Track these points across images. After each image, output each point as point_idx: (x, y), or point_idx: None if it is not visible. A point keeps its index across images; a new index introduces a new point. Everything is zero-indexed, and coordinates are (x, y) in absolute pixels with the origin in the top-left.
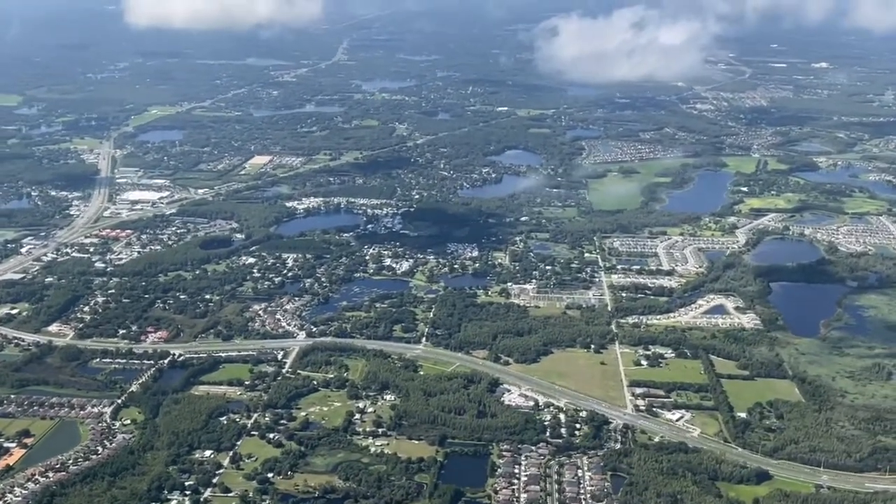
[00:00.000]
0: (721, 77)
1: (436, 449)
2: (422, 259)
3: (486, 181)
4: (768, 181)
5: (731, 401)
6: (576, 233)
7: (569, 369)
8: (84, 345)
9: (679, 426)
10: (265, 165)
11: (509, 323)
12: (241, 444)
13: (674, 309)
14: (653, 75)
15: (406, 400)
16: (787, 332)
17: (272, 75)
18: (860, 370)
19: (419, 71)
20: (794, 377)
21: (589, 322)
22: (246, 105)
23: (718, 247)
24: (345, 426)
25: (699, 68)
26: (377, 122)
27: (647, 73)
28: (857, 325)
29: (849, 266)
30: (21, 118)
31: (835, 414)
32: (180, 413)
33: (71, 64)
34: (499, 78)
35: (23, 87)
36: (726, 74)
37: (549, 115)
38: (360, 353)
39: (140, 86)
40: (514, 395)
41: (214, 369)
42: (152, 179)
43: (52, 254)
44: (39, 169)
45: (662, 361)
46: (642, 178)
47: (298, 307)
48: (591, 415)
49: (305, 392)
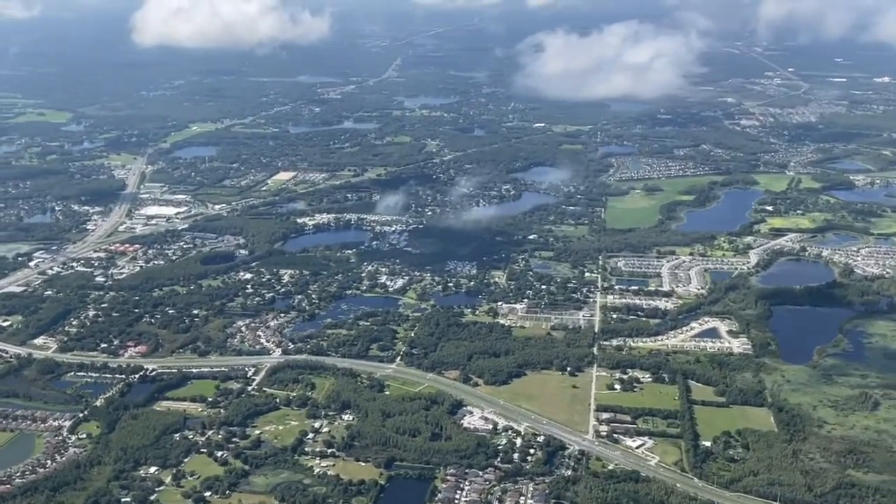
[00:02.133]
0: (775, 92)
1: (380, 472)
2: (417, 277)
3: (503, 198)
4: (797, 200)
5: (700, 428)
6: (581, 251)
7: (538, 392)
8: (62, 358)
9: (638, 454)
10: (287, 181)
11: (488, 343)
12: (188, 462)
13: (663, 331)
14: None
15: (363, 420)
16: (777, 357)
17: (318, 92)
18: (845, 399)
19: (465, 87)
20: (772, 405)
21: (570, 344)
22: (285, 122)
23: (727, 268)
24: (295, 446)
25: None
26: (409, 139)
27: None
28: (855, 353)
29: (860, 290)
30: (66, 135)
31: (806, 445)
32: (134, 429)
33: (127, 82)
34: (541, 93)
35: (76, 104)
36: (780, 89)
37: (585, 132)
38: (330, 372)
39: (188, 103)
40: (474, 417)
41: (182, 385)
42: (174, 195)
43: (58, 268)
44: (69, 184)
45: (637, 386)
46: (665, 195)
47: (282, 324)
48: (549, 440)
49: (265, 410)
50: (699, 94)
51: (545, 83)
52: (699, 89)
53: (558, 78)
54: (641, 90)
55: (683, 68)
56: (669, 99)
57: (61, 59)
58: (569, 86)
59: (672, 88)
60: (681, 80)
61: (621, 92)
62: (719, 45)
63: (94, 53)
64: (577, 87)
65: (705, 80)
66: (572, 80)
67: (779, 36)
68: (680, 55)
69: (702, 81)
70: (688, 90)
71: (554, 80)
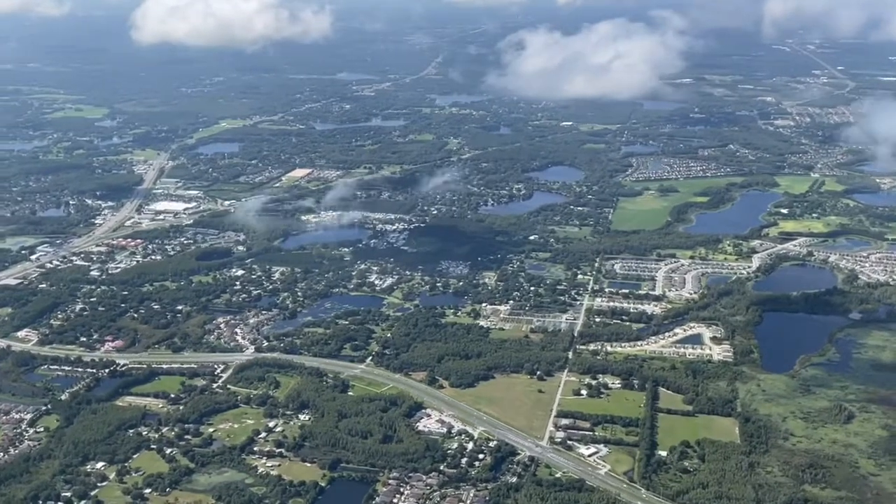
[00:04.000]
0: (818, 91)
1: (324, 473)
2: (407, 276)
3: (513, 198)
4: (815, 203)
5: (660, 438)
6: (578, 253)
7: (502, 396)
8: (40, 351)
9: (589, 462)
10: (301, 179)
11: (461, 345)
12: (137, 458)
13: (644, 337)
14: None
15: (318, 421)
16: (757, 366)
17: (353, 89)
18: (818, 411)
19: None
20: (739, 415)
21: (545, 347)
22: (313, 119)
23: (726, 272)
24: (245, 445)
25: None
26: (432, 137)
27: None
28: (841, 363)
29: (859, 297)
30: (98, 130)
31: (766, 458)
32: (90, 423)
33: (169, 79)
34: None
35: (114, 100)
36: (824, 88)
37: (612, 131)
38: (298, 371)
39: (223, 100)
40: (431, 420)
41: (150, 381)
42: (188, 190)
43: (57, 261)
44: (89, 179)
45: (605, 392)
46: (679, 197)
47: (261, 321)
48: (501, 445)
49: (224, 408)
50: (739, 93)
51: (574, 81)
52: (740, 88)
53: (589, 74)
54: (670, 91)
55: (729, 68)
56: (705, 97)
57: (102, 56)
58: (601, 84)
59: (708, 86)
60: (725, 78)
61: (650, 91)
62: (768, 43)
63: (131, 50)
64: (611, 85)
65: (749, 78)
66: (606, 78)
67: (832, 33)
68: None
69: (744, 80)
70: (727, 89)
71: (583, 78)
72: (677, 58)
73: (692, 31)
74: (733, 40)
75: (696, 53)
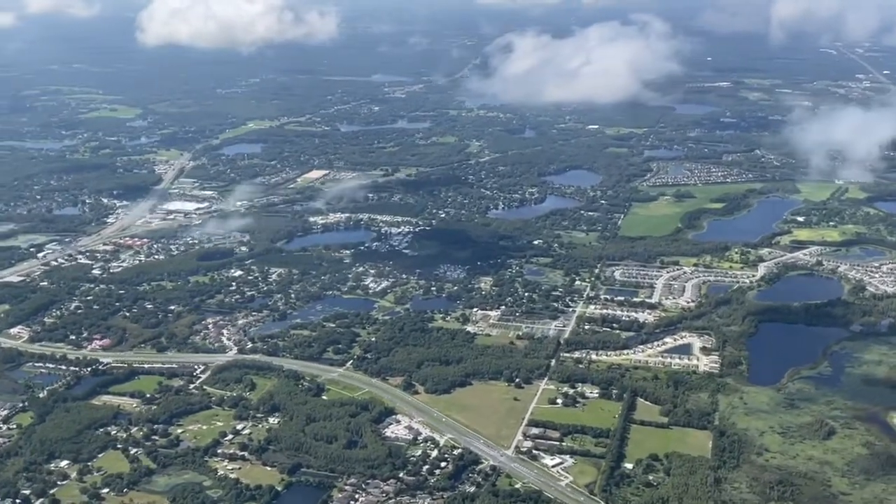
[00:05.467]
0: (858, 95)
1: (282, 478)
2: (403, 280)
3: (525, 201)
4: (834, 211)
5: (629, 450)
6: (580, 259)
7: (476, 403)
8: (28, 348)
9: (552, 473)
10: (316, 180)
11: (443, 350)
12: (101, 458)
13: (632, 345)
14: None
15: (286, 424)
16: (743, 378)
17: (385, 91)
18: (799, 426)
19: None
20: (715, 429)
21: (528, 354)
22: (339, 120)
23: (729, 280)
24: (210, 447)
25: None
26: (454, 139)
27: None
28: (831, 377)
29: (862, 309)
30: (128, 130)
31: (736, 473)
32: (61, 421)
33: (207, 79)
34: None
35: (149, 100)
36: (865, 93)
37: (637, 135)
38: (276, 373)
39: (255, 101)
40: (399, 426)
41: (130, 380)
42: (203, 191)
43: (63, 259)
44: (108, 178)
45: (581, 402)
46: (694, 203)
47: (249, 322)
48: (465, 453)
49: (196, 409)
50: (775, 98)
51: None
52: (777, 92)
53: (615, 78)
54: (703, 95)
55: (770, 72)
56: (739, 102)
57: (141, 57)
58: (630, 87)
59: (745, 90)
60: (763, 82)
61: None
62: (814, 47)
63: (169, 51)
64: (641, 88)
65: (789, 82)
66: (638, 81)
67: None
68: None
69: (783, 84)
70: (764, 93)
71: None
72: (713, 61)
73: (734, 34)
74: (777, 43)
75: (735, 56)
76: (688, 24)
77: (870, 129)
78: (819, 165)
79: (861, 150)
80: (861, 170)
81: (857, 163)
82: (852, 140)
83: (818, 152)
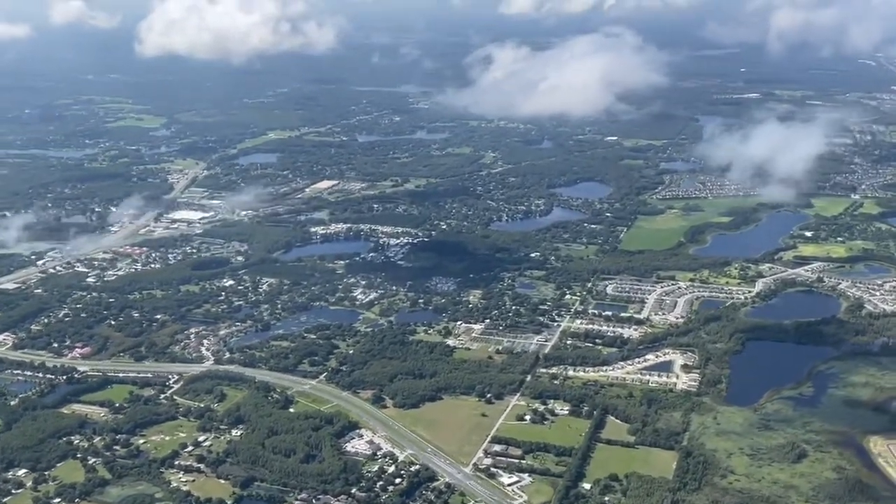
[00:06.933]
0: (890, 108)
1: (233, 491)
2: (392, 291)
3: (529, 213)
4: (843, 226)
5: (590, 469)
6: (574, 272)
7: (443, 418)
8: (8, 355)
9: (507, 492)
10: (324, 190)
11: (418, 364)
12: (60, 467)
13: (612, 361)
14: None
15: (247, 436)
16: (720, 398)
17: (409, 102)
18: (770, 449)
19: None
20: (682, 449)
21: (504, 369)
22: (359, 130)
23: (723, 296)
24: (168, 458)
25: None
26: (469, 150)
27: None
28: (812, 398)
29: (856, 328)
30: (149, 139)
31: (695, 496)
32: (27, 430)
33: (236, 88)
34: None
35: (175, 110)
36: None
37: (656, 147)
38: (247, 385)
39: (279, 111)
40: (361, 441)
41: (103, 388)
42: (211, 200)
43: (60, 267)
44: (121, 187)
45: (550, 419)
46: (702, 216)
47: (231, 333)
48: (422, 469)
49: (162, 420)
50: (803, 109)
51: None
52: (807, 104)
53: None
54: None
55: (804, 83)
56: (766, 113)
57: (173, 66)
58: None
59: (774, 102)
60: (795, 94)
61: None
62: (853, 57)
63: (199, 62)
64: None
65: (822, 94)
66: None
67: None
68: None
69: (815, 96)
70: (793, 105)
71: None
72: (747, 72)
73: (769, 45)
74: (815, 53)
75: (769, 67)
76: (721, 36)
77: (791, 144)
78: (735, 179)
79: (783, 165)
80: (780, 186)
81: (778, 179)
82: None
83: (732, 167)
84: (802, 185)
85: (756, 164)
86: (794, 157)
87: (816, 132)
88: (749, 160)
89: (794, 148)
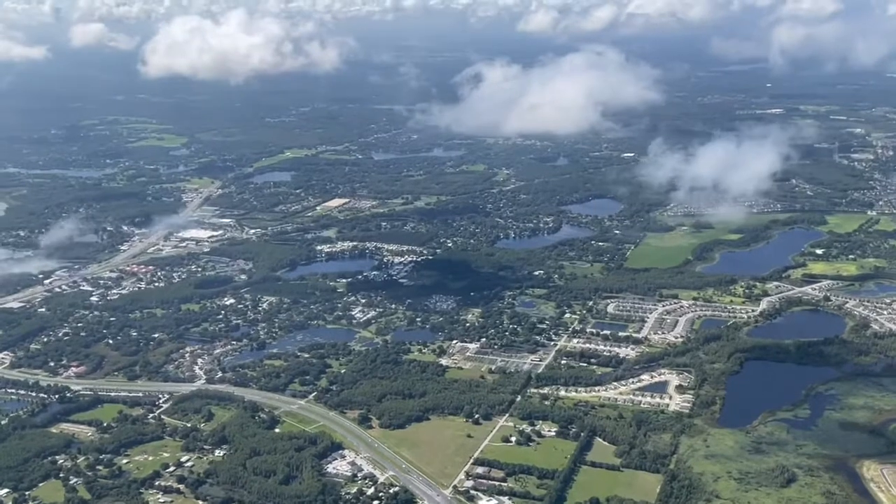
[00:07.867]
0: None
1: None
2: (391, 310)
3: (537, 231)
4: (856, 243)
5: (572, 492)
6: (576, 291)
7: (428, 439)
8: (3, 374)
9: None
10: (335, 208)
11: (408, 384)
12: (42, 487)
13: (606, 382)
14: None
15: (229, 457)
16: (712, 419)
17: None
18: (758, 473)
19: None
20: (667, 472)
21: (495, 389)
22: (376, 148)
23: (726, 315)
24: (149, 478)
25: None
26: (483, 167)
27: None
28: (808, 420)
29: (858, 348)
30: (168, 158)
31: None
32: (12, 449)
33: (259, 108)
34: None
35: (196, 129)
36: None
37: None
38: (236, 404)
39: (299, 129)
40: (343, 462)
41: (93, 407)
42: (222, 219)
43: (66, 286)
44: (135, 206)
45: (536, 440)
46: (712, 233)
47: (226, 351)
48: (401, 492)
49: (148, 439)
50: (827, 124)
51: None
52: (831, 119)
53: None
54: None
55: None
56: (788, 128)
57: (202, 87)
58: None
59: (798, 116)
60: (820, 109)
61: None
62: (882, 72)
63: (223, 82)
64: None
65: (847, 109)
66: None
67: None
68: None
69: (840, 111)
70: (817, 119)
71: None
72: (773, 87)
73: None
74: (842, 67)
75: (796, 82)
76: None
77: (745, 163)
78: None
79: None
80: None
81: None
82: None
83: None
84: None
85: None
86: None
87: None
88: (702, 180)
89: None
